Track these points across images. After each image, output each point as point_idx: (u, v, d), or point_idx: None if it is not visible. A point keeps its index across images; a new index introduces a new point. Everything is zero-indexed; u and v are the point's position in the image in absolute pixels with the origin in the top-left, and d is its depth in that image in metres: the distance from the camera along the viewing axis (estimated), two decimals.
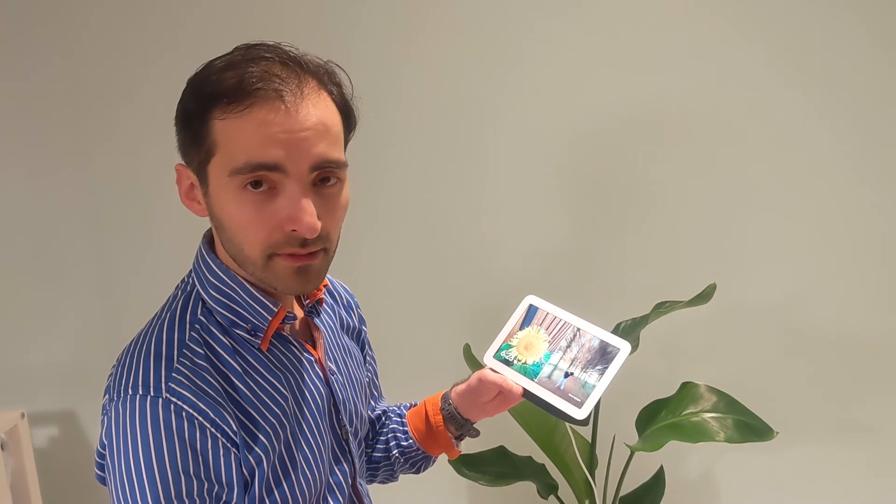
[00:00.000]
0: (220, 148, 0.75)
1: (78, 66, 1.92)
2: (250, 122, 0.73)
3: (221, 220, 0.78)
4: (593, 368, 0.92)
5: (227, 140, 0.74)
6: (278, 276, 0.78)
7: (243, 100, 0.73)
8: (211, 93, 0.75)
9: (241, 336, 0.83)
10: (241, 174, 0.74)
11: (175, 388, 0.75)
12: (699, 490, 1.96)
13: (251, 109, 0.73)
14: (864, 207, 1.80)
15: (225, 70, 0.76)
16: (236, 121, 0.74)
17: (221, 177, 0.76)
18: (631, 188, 1.87)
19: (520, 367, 0.96)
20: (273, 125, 0.73)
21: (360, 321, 1.08)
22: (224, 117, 0.74)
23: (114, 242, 2.00)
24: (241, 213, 0.76)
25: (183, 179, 0.82)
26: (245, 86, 0.73)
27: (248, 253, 0.77)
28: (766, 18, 1.76)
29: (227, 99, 0.74)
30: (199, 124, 0.76)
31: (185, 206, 0.83)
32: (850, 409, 1.87)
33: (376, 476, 1.14)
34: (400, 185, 1.91)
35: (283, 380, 0.84)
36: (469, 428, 1.06)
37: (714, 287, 1.60)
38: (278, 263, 0.77)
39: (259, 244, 0.76)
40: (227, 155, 0.75)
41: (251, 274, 0.80)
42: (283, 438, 0.82)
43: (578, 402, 0.90)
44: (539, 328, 0.98)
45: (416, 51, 1.87)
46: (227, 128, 0.74)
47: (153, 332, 0.81)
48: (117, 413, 0.76)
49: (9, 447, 1.84)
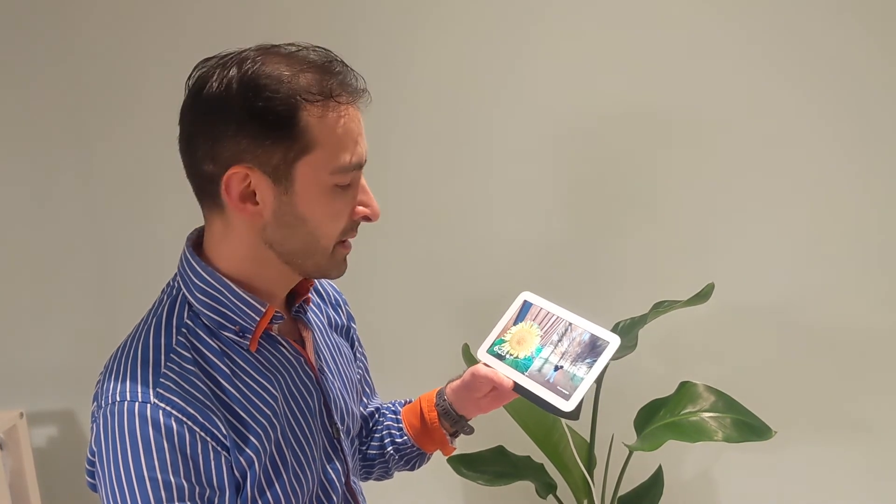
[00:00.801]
0: (318, 145, 0.77)
1: (78, 61, 1.92)
2: (348, 122, 0.79)
3: (305, 216, 0.79)
4: (582, 362, 0.93)
5: (329, 139, 0.77)
6: (336, 262, 0.85)
7: (343, 100, 0.78)
8: (306, 90, 0.76)
9: (229, 338, 0.82)
10: (345, 171, 0.79)
11: (163, 394, 0.75)
12: (697, 490, 1.96)
13: (348, 109, 0.79)
14: (864, 207, 1.79)
15: (308, 70, 0.77)
16: (336, 120, 0.77)
17: (317, 174, 0.78)
18: (630, 188, 1.86)
19: (511, 362, 0.97)
20: (359, 125, 0.81)
21: (349, 318, 1.08)
22: (322, 116, 0.76)
23: (113, 242, 2.00)
24: (331, 207, 0.80)
25: (238, 184, 0.77)
26: (343, 86, 0.78)
27: (324, 244, 0.82)
28: (767, 17, 1.75)
29: (323, 97, 0.76)
30: (290, 122, 0.75)
31: (236, 209, 0.78)
32: (848, 408, 1.87)
33: (371, 473, 1.14)
34: (399, 183, 1.91)
35: (273, 380, 0.84)
36: (463, 425, 1.06)
37: (712, 286, 1.59)
38: (338, 251, 0.84)
39: (336, 234, 0.82)
40: (329, 152, 0.77)
41: (311, 265, 0.84)
42: (274, 439, 0.82)
43: (566, 395, 0.91)
44: (532, 323, 0.99)
45: (415, 51, 1.86)
46: (326, 126, 0.77)
47: (139, 338, 0.81)
48: (105, 420, 0.75)
49: (7, 447, 1.84)
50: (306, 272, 0.85)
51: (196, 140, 0.78)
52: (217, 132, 0.76)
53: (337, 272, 0.86)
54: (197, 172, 0.80)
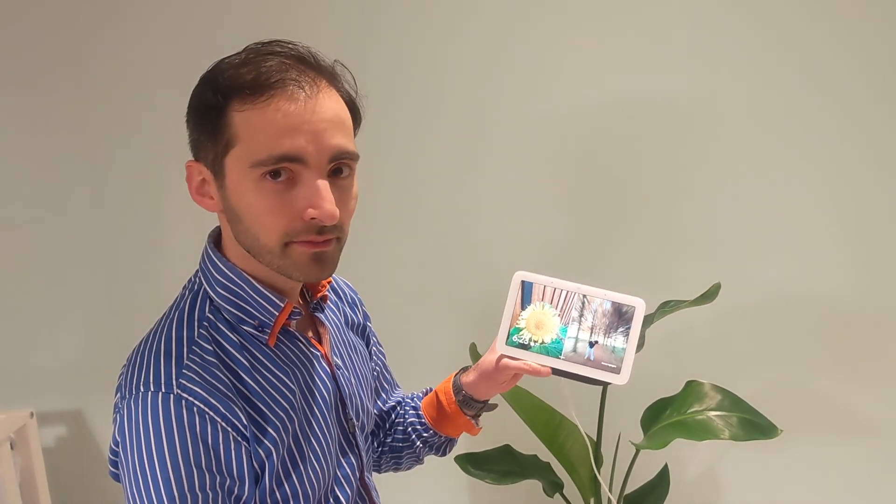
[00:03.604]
0: (240, 140, 0.76)
1: (86, 60, 1.93)
2: (271, 114, 0.75)
3: (238, 212, 0.79)
4: (616, 332, 0.91)
5: (248, 132, 0.76)
6: (295, 263, 0.80)
7: (264, 91, 0.75)
8: (230, 86, 0.76)
9: (249, 332, 0.84)
10: (264, 165, 0.76)
11: (186, 385, 0.76)
12: (703, 488, 1.96)
13: (271, 101, 0.75)
14: (871, 207, 1.80)
15: (242, 65, 0.77)
16: (257, 113, 0.75)
17: (241, 168, 0.77)
18: (636, 187, 1.87)
19: (540, 348, 0.94)
20: (293, 116, 0.75)
21: (365, 317, 1.09)
22: (244, 109, 0.76)
23: (122, 241, 2.01)
24: (261, 202, 0.77)
25: (194, 176, 0.83)
26: (264, 78, 0.75)
27: (264, 241, 0.79)
28: (769, 16, 1.76)
29: (248, 91, 0.75)
30: (217, 117, 0.77)
31: (196, 202, 0.83)
32: (854, 407, 1.87)
33: (401, 463, 1.15)
34: (405, 183, 1.92)
35: (291, 374, 0.86)
36: (486, 406, 1.07)
37: (719, 286, 1.60)
38: (295, 250, 0.79)
39: (277, 232, 0.78)
40: (249, 146, 0.76)
41: (268, 263, 0.81)
42: (292, 432, 0.84)
43: (615, 368, 0.90)
44: (543, 303, 0.96)
45: (415, 50, 1.88)
46: (247, 119, 0.76)
47: (162, 331, 0.82)
48: (129, 410, 0.77)
49: (18, 446, 1.85)
50: (274, 270, 0.82)
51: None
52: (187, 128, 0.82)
53: (300, 273, 0.81)
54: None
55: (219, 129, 0.77)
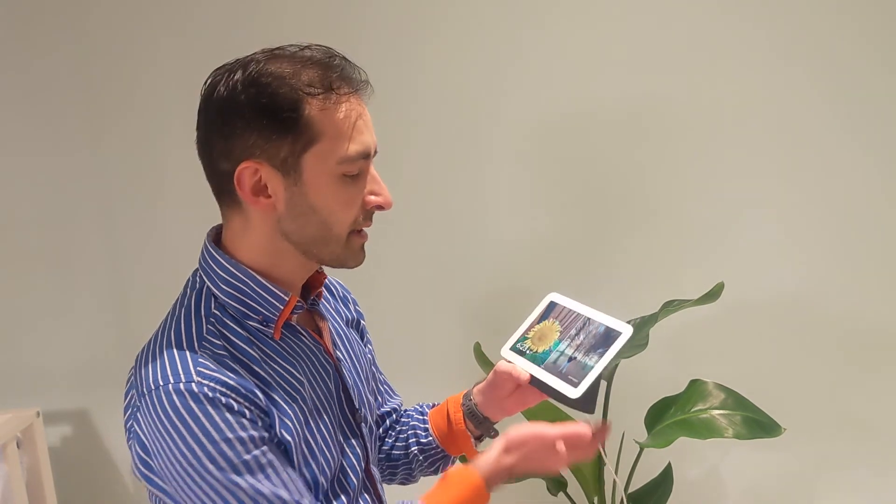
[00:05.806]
0: (322, 137, 0.80)
1: (89, 54, 1.95)
2: (351, 113, 0.82)
3: (316, 206, 0.83)
4: (594, 352, 0.94)
5: (333, 130, 0.81)
6: (353, 251, 0.87)
7: (342, 90, 0.81)
8: (308, 85, 0.79)
9: (254, 327, 0.85)
10: (352, 161, 0.82)
11: (204, 372, 0.78)
12: (707, 486, 1.96)
13: (350, 101, 0.81)
14: (873, 205, 1.80)
15: (309, 66, 0.81)
16: (339, 111, 0.80)
17: (324, 164, 0.81)
18: (640, 187, 1.88)
19: (531, 356, 1.00)
20: (364, 116, 0.84)
21: (359, 314, 1.11)
22: (326, 108, 0.80)
23: (128, 241, 2.02)
24: (341, 196, 0.83)
25: (250, 178, 0.81)
26: (343, 79, 0.82)
27: (336, 232, 0.85)
28: (771, 15, 1.76)
29: (327, 90, 0.80)
30: (295, 116, 0.79)
31: (249, 202, 0.82)
32: (857, 406, 1.87)
33: (395, 475, 1.15)
34: (406, 183, 1.92)
35: (298, 366, 0.87)
36: (489, 427, 1.08)
37: (722, 286, 1.60)
38: (354, 240, 0.87)
39: (348, 223, 0.85)
40: (333, 144, 0.81)
41: (328, 254, 0.86)
42: (304, 422, 0.85)
43: (575, 383, 0.92)
44: (554, 321, 1.02)
45: (414, 50, 1.88)
46: (329, 117, 0.80)
47: (171, 328, 0.84)
48: (153, 407, 0.78)
49: (24, 445, 1.86)
50: (324, 261, 0.88)
51: (210, 142, 0.83)
52: (227, 131, 0.80)
53: (354, 261, 0.88)
54: (214, 172, 0.84)
55: (298, 128, 0.80)
